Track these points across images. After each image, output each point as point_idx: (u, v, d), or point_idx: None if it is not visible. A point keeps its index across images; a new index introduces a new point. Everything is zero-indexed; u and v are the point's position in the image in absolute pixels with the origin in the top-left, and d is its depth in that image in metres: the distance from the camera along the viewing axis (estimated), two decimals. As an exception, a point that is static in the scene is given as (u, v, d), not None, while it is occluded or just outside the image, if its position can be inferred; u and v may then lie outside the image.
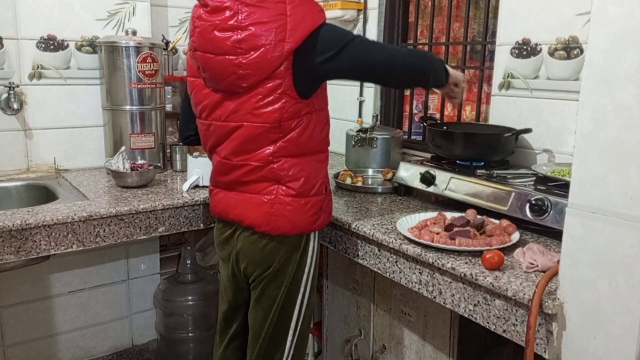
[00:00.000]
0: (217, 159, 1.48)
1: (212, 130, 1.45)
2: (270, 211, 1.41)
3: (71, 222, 1.64)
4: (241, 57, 1.30)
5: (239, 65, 1.30)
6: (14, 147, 2.15)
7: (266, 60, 1.29)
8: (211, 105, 1.42)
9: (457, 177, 1.67)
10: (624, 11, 0.95)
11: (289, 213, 1.42)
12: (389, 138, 2.16)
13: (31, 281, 2.20)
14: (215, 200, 1.56)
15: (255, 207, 1.43)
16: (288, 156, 1.40)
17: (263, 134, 1.37)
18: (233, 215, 1.48)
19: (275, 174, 1.40)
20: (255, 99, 1.34)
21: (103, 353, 2.44)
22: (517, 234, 1.39)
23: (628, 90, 0.96)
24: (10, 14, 2.07)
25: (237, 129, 1.39)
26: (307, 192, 1.43)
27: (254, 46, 1.28)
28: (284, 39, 1.28)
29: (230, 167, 1.45)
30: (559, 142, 1.75)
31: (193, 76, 1.47)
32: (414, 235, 1.39)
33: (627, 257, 0.98)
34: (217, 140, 1.45)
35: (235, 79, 1.33)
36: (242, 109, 1.37)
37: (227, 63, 1.32)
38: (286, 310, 1.51)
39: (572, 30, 1.68)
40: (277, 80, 1.31)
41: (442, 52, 2.27)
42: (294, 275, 1.49)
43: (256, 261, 1.48)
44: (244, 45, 1.29)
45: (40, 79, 2.16)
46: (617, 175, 0.98)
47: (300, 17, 1.31)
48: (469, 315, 1.27)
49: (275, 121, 1.35)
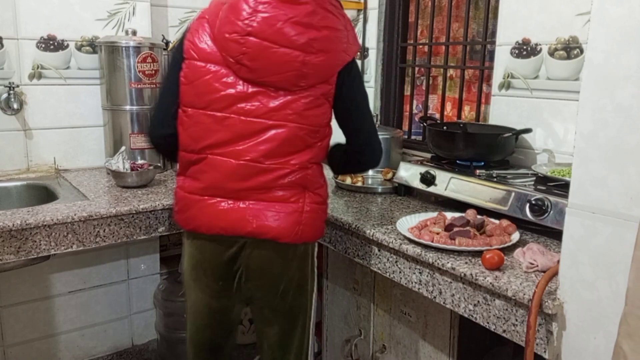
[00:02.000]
0: (232, 162, 1.32)
1: (228, 124, 1.31)
2: (300, 220, 1.35)
3: (71, 222, 1.64)
4: (311, 55, 1.27)
5: (304, 63, 1.27)
6: (14, 147, 2.15)
7: (330, 66, 1.31)
8: (237, 97, 1.30)
9: (457, 177, 1.67)
10: (624, 11, 0.95)
11: (313, 220, 1.37)
12: (389, 138, 2.16)
13: (31, 281, 2.20)
14: (213, 212, 1.35)
15: (283, 217, 1.33)
16: (317, 163, 1.38)
17: (304, 137, 1.32)
18: (251, 227, 1.33)
19: (307, 180, 1.35)
20: (307, 100, 1.31)
21: (103, 353, 2.44)
22: (517, 234, 1.39)
23: (628, 90, 0.96)
24: (10, 14, 2.07)
25: (275, 128, 1.30)
26: (326, 199, 1.43)
27: (325, 49, 1.29)
28: (345, 50, 1.33)
29: (257, 170, 1.31)
30: (559, 142, 1.75)
31: (206, 61, 1.31)
32: (414, 235, 1.39)
33: (627, 257, 0.98)
34: (234, 138, 1.31)
35: (295, 76, 1.28)
36: (288, 109, 1.30)
37: (291, 58, 1.26)
38: (310, 316, 1.51)
39: (572, 30, 1.68)
40: (329, 86, 1.33)
41: (442, 52, 2.27)
42: (312, 280, 1.48)
43: (276, 275, 1.40)
44: (316, 45, 1.27)
45: (40, 79, 2.16)
46: (617, 175, 0.98)
47: (353, 36, 1.38)
48: (469, 315, 1.27)
49: (319, 125, 1.34)
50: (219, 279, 1.43)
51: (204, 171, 1.35)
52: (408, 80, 2.44)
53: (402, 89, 2.45)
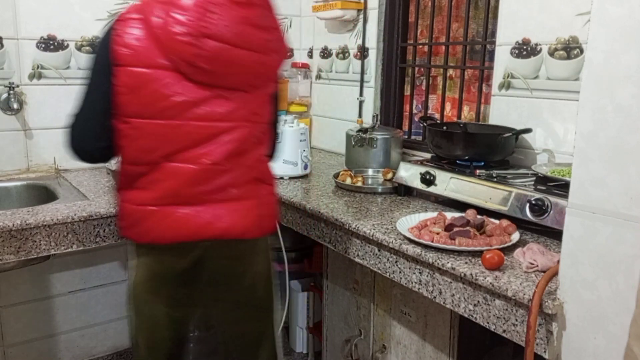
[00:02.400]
0: (191, 168, 1.26)
1: (184, 132, 1.24)
2: (260, 213, 1.38)
3: (71, 222, 1.64)
4: (267, 56, 1.30)
5: (262, 64, 1.30)
6: (14, 147, 2.15)
7: (279, 65, 1.37)
8: (191, 102, 1.23)
9: (457, 177, 1.67)
10: (624, 11, 0.95)
11: (271, 211, 1.43)
12: (389, 138, 2.16)
13: (31, 281, 2.20)
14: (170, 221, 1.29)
15: (244, 213, 1.33)
16: (267, 155, 1.45)
17: (259, 134, 1.37)
18: (215, 230, 1.30)
19: (262, 173, 1.40)
20: (260, 100, 1.35)
21: (103, 353, 2.44)
22: (517, 234, 1.39)
23: (628, 90, 0.96)
24: (10, 14, 2.07)
25: (233, 129, 1.28)
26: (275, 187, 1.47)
27: (277, 49, 1.33)
28: (285, 50, 1.39)
29: (217, 173, 1.29)
30: (559, 142, 1.75)
31: (149, 67, 1.21)
32: (414, 235, 1.39)
33: (627, 257, 0.98)
34: (191, 144, 1.26)
35: (253, 77, 1.30)
36: (244, 109, 1.30)
37: (252, 60, 1.26)
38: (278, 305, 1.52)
39: (572, 30, 1.68)
40: (275, 83, 1.40)
41: (442, 52, 2.27)
42: (274, 272, 1.50)
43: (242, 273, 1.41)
44: (271, 46, 1.31)
45: (40, 79, 2.16)
46: (617, 175, 0.98)
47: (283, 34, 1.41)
48: (469, 315, 1.27)
49: (270, 122, 1.41)
50: (182, 287, 1.38)
51: (159, 180, 1.27)
52: (408, 80, 2.44)
53: (402, 89, 2.45)
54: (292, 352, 2.55)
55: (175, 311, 1.42)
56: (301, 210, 1.80)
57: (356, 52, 2.53)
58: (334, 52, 2.68)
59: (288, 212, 1.90)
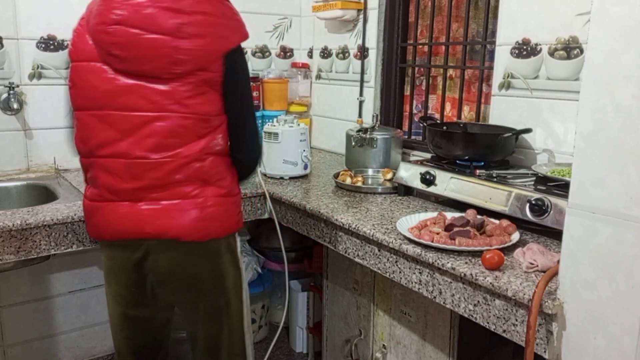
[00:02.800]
0: (121, 162, 1.28)
1: (110, 122, 1.27)
2: (200, 216, 1.30)
3: (71, 222, 1.64)
4: (182, 40, 1.23)
5: (176, 49, 1.22)
6: (14, 147, 2.15)
7: (207, 51, 1.26)
8: (115, 92, 1.26)
9: (457, 177, 1.67)
10: (624, 11, 0.95)
11: (219, 215, 1.33)
12: (389, 138, 2.16)
13: (31, 281, 2.20)
14: (113, 217, 1.31)
15: (180, 214, 1.28)
16: (214, 154, 1.33)
17: (192, 127, 1.27)
18: (150, 229, 1.29)
19: (203, 173, 1.30)
20: (186, 88, 1.26)
21: (103, 353, 2.44)
22: (517, 234, 1.39)
23: (628, 90, 0.96)
24: (10, 14, 2.07)
25: (157, 120, 1.25)
26: (233, 191, 1.38)
27: (199, 34, 1.24)
28: (225, 37, 1.28)
29: (147, 167, 1.27)
30: (559, 142, 1.75)
31: (87, 60, 1.28)
32: (414, 235, 1.39)
33: (627, 257, 0.98)
34: (118, 135, 1.27)
35: (167, 62, 1.23)
36: (168, 98, 1.25)
37: (162, 43, 1.22)
38: (240, 312, 1.44)
39: (572, 30, 1.68)
40: (210, 73, 1.28)
41: (442, 52, 2.27)
42: (234, 276, 1.42)
43: (189, 276, 1.36)
44: (188, 29, 1.23)
45: (40, 79, 2.16)
46: (617, 175, 0.98)
47: (239, 25, 1.33)
48: (469, 315, 1.27)
49: (207, 114, 1.29)
50: (131, 286, 1.38)
51: (97, 176, 1.31)
52: (408, 80, 2.44)
53: (402, 89, 2.45)
54: (292, 352, 2.55)
55: (130, 310, 1.42)
56: (301, 210, 1.80)
57: (356, 52, 2.53)
58: (334, 52, 2.68)
59: (288, 212, 1.90)
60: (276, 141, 2.09)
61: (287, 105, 2.78)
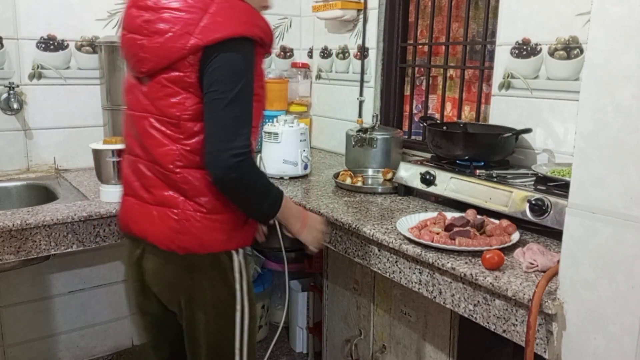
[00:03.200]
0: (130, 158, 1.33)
1: (126, 117, 1.34)
2: (176, 227, 1.23)
3: (71, 222, 1.64)
4: (145, 38, 1.20)
5: (140, 47, 1.21)
6: (14, 147, 2.15)
7: (166, 49, 1.17)
8: (126, 91, 1.33)
9: (457, 177, 1.67)
10: (624, 11, 0.95)
11: (197, 231, 1.23)
12: (389, 138, 2.16)
13: (31, 281, 2.20)
14: (122, 209, 1.36)
15: (159, 222, 1.25)
16: (191, 167, 1.22)
17: (162, 129, 1.22)
18: (136, 229, 1.30)
19: (178, 187, 1.23)
20: (155, 88, 1.22)
21: (103, 353, 2.44)
22: (517, 234, 1.39)
23: (628, 90, 0.96)
24: (10, 14, 2.07)
25: (142, 119, 1.25)
26: (219, 208, 1.24)
27: (158, 31, 1.18)
28: (191, 33, 1.16)
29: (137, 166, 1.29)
30: (559, 142, 1.75)
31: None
32: (414, 235, 1.39)
33: (627, 257, 0.98)
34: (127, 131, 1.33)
35: (136, 61, 1.23)
36: (145, 98, 1.24)
37: (132, 42, 1.23)
38: (226, 332, 1.33)
39: (572, 30, 1.68)
40: (178, 72, 1.18)
41: (442, 52, 2.27)
42: (221, 296, 1.30)
43: (170, 284, 1.31)
44: (150, 27, 1.19)
45: (40, 79, 2.16)
46: (617, 175, 0.98)
47: (223, 19, 1.18)
48: (469, 315, 1.27)
49: (173, 117, 1.20)
50: (135, 280, 1.38)
51: (122, 168, 1.39)
52: (408, 80, 2.44)
53: (402, 89, 2.45)
54: (292, 352, 2.55)
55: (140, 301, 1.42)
56: (301, 210, 1.80)
57: (356, 52, 2.53)
58: (334, 52, 2.68)
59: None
60: (276, 141, 2.09)
61: (287, 105, 2.78)
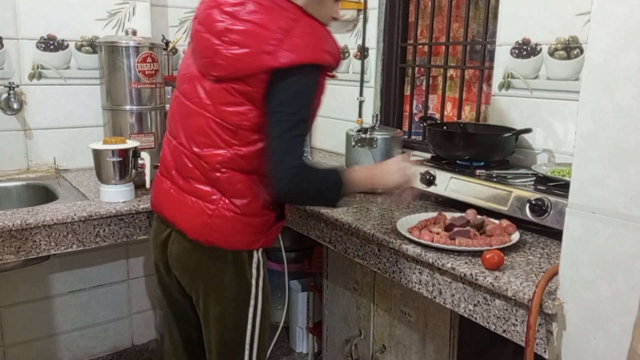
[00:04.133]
0: (173, 142, 1.37)
1: (177, 104, 1.37)
2: (208, 222, 1.30)
3: (71, 222, 1.64)
4: (224, 45, 1.23)
5: (216, 52, 1.24)
6: (14, 147, 2.15)
7: (243, 62, 1.22)
8: (185, 78, 1.36)
9: (457, 177, 1.67)
10: (624, 11, 0.95)
11: (227, 230, 1.30)
12: (389, 138, 2.15)
13: (31, 281, 2.20)
14: (157, 191, 1.41)
15: (192, 213, 1.31)
16: (237, 170, 1.29)
17: (219, 132, 1.27)
18: (168, 213, 1.36)
19: (219, 184, 1.29)
20: (221, 93, 1.26)
21: (103, 353, 2.44)
22: (517, 234, 1.39)
23: (628, 90, 0.96)
24: (10, 14, 2.07)
25: (196, 114, 1.30)
26: (252, 211, 1.32)
27: (240, 42, 1.22)
28: (269, 53, 1.19)
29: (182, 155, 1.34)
30: (559, 142, 1.75)
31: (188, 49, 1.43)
32: (414, 235, 1.39)
33: (627, 257, 0.98)
34: (176, 118, 1.37)
35: (209, 63, 1.27)
36: (207, 97, 1.29)
37: (209, 43, 1.26)
38: (237, 325, 1.39)
39: (572, 30, 1.68)
40: (247, 86, 1.23)
41: (442, 52, 2.27)
42: (237, 289, 1.37)
43: (191, 271, 1.38)
44: (231, 36, 1.23)
45: (40, 79, 2.16)
46: (617, 175, 0.98)
47: (303, 44, 1.21)
48: (469, 315, 1.27)
49: (233, 124, 1.26)
50: (159, 260, 1.45)
51: (162, 148, 1.43)
52: (408, 80, 2.44)
53: (402, 89, 2.45)
54: (292, 352, 2.55)
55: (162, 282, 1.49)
56: (301, 210, 1.80)
57: (356, 52, 2.53)
58: (334, 52, 2.67)
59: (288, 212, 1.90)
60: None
61: (287, 105, 2.77)
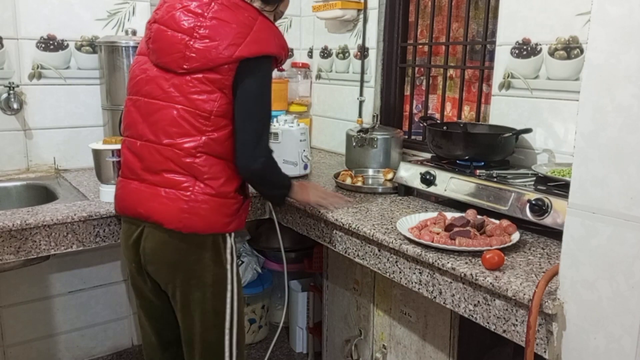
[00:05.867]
0: (137, 143, 1.43)
1: (138, 106, 1.44)
2: (184, 208, 1.38)
3: (71, 222, 1.64)
4: (194, 40, 1.36)
5: (187, 46, 1.36)
6: (14, 147, 2.15)
7: (214, 53, 1.36)
8: (145, 80, 1.43)
9: (457, 177, 1.67)
10: (624, 11, 0.95)
11: (204, 212, 1.39)
12: (389, 138, 2.16)
13: (31, 281, 2.20)
14: (123, 192, 1.47)
15: (168, 202, 1.38)
16: (211, 154, 1.40)
17: (191, 121, 1.38)
18: (142, 209, 1.41)
19: (194, 169, 1.38)
20: (192, 84, 1.37)
21: (103, 353, 2.44)
22: (517, 234, 1.39)
23: (628, 90, 0.96)
24: (10, 14, 2.07)
25: (166, 108, 1.39)
26: (225, 193, 1.42)
27: (210, 36, 1.36)
28: (238, 44, 1.36)
29: (152, 150, 1.40)
30: (559, 142, 1.75)
31: (139, 53, 1.50)
32: (414, 235, 1.39)
33: (627, 257, 0.98)
34: (139, 119, 1.43)
35: (179, 57, 1.37)
36: (176, 90, 1.38)
37: (178, 40, 1.37)
38: (218, 311, 1.47)
39: (572, 30, 1.68)
40: (218, 75, 1.37)
41: (442, 52, 2.27)
42: (215, 274, 1.45)
43: (168, 263, 1.43)
44: (200, 31, 1.37)
45: (40, 79, 2.16)
46: (617, 175, 0.98)
47: (264, 36, 1.40)
48: (469, 316, 1.27)
49: (205, 111, 1.38)
50: (132, 261, 1.50)
51: (123, 154, 1.49)
52: (408, 80, 2.44)
53: (402, 89, 2.45)
54: (292, 352, 2.55)
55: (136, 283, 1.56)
56: (301, 210, 1.80)
57: (356, 52, 2.53)
58: (334, 52, 2.68)
59: (288, 212, 1.90)
60: (276, 141, 2.09)
61: (287, 105, 2.78)
